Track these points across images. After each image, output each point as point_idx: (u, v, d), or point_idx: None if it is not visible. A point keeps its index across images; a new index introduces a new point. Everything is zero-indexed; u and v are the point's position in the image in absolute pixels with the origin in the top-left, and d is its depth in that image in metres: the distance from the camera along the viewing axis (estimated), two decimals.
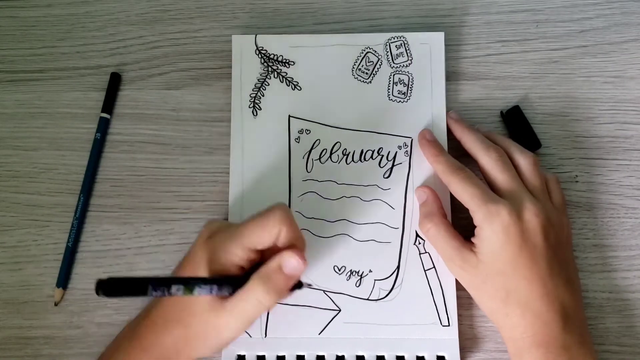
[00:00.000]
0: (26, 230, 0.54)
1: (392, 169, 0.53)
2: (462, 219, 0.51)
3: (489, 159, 0.49)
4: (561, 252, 0.47)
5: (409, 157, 0.53)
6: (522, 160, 0.50)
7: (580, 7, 0.57)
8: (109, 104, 0.56)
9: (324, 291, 0.51)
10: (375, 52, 0.55)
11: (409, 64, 0.55)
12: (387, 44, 0.55)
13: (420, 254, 0.51)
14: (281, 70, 0.55)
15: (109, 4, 0.58)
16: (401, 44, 0.55)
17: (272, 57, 0.55)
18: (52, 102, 0.56)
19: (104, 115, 0.55)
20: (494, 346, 0.51)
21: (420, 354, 0.50)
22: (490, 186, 0.49)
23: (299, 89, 0.55)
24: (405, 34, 0.55)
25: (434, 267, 0.51)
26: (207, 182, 0.55)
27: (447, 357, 0.49)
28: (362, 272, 0.51)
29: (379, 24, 0.57)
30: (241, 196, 0.53)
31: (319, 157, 0.53)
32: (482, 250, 0.47)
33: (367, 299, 0.51)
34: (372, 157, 0.53)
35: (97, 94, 0.56)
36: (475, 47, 0.57)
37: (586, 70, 0.56)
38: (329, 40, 0.55)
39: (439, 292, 0.51)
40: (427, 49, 0.55)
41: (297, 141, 0.54)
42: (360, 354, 0.50)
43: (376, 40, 0.55)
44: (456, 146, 0.52)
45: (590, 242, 0.53)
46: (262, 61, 0.55)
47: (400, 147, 0.53)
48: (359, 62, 0.55)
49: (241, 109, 0.54)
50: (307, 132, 0.54)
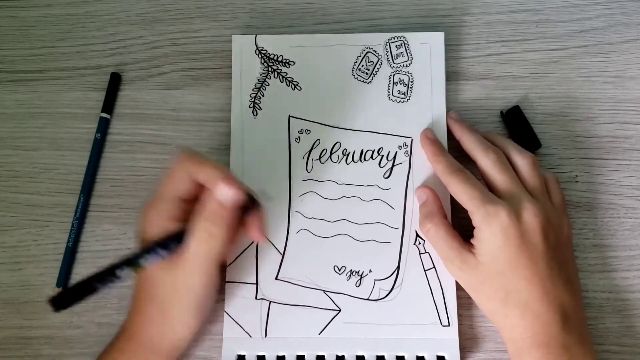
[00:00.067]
0: (26, 230, 0.54)
1: (392, 169, 0.53)
2: (462, 219, 0.51)
3: (487, 160, 0.49)
4: (561, 252, 0.47)
5: (409, 157, 0.53)
6: (521, 160, 0.50)
7: (580, 7, 0.57)
8: (109, 104, 0.56)
9: (324, 291, 0.51)
10: (375, 52, 0.55)
11: (409, 64, 0.55)
12: (387, 44, 0.55)
13: (420, 254, 0.52)
14: (281, 70, 0.55)
15: (109, 4, 0.58)
16: (401, 44, 0.55)
17: (272, 57, 0.55)
18: (52, 102, 0.56)
19: (104, 115, 0.55)
20: (494, 346, 0.51)
21: (420, 354, 0.50)
22: (489, 187, 0.49)
23: (299, 89, 0.55)
24: (405, 34, 0.55)
25: (434, 267, 0.51)
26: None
27: (447, 357, 0.49)
28: (362, 272, 0.51)
29: (379, 24, 0.57)
30: None
31: (319, 157, 0.53)
32: (481, 251, 0.47)
33: (367, 299, 0.51)
34: (372, 157, 0.53)
35: (97, 94, 0.56)
36: (475, 47, 0.57)
37: (586, 70, 0.56)
38: (329, 40, 0.55)
39: (439, 292, 0.51)
40: (427, 49, 0.55)
41: (297, 141, 0.54)
42: (360, 354, 0.50)
43: (376, 40, 0.55)
44: (456, 146, 0.52)
45: (590, 242, 0.53)
46: (262, 61, 0.55)
47: (400, 147, 0.53)
48: (359, 62, 0.55)
49: (241, 109, 0.55)
50: (307, 132, 0.54)
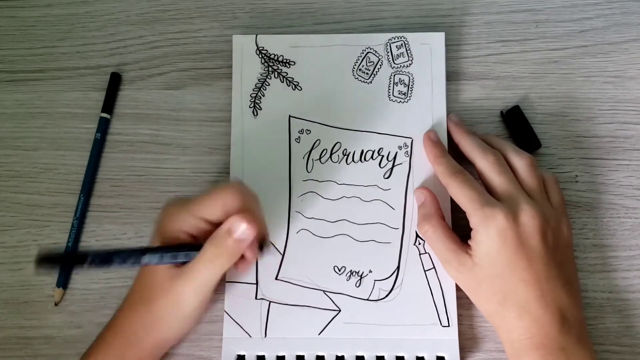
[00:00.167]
0: (26, 230, 0.54)
1: (392, 169, 0.53)
2: (461, 219, 0.51)
3: (485, 162, 0.49)
4: (559, 253, 0.47)
5: (409, 157, 0.53)
6: (518, 161, 0.49)
7: (580, 7, 0.57)
8: (109, 104, 0.56)
9: (324, 291, 0.51)
10: (375, 52, 0.55)
11: (410, 64, 0.55)
12: (388, 44, 0.55)
13: (420, 254, 0.51)
14: (282, 70, 0.55)
15: (109, 4, 0.58)
16: (402, 44, 0.55)
17: (272, 57, 0.55)
18: (52, 102, 0.56)
19: (104, 115, 0.55)
20: (494, 346, 0.51)
21: (420, 355, 0.50)
22: (487, 189, 0.49)
23: (300, 89, 0.55)
24: (405, 34, 0.55)
25: (434, 267, 0.51)
26: (207, 182, 0.54)
27: (447, 358, 0.49)
28: (362, 273, 0.51)
29: (379, 24, 0.57)
30: None
31: (319, 157, 0.53)
32: (478, 253, 0.47)
33: (367, 299, 0.51)
34: (372, 157, 0.53)
35: (97, 94, 0.56)
36: (475, 47, 0.57)
37: (586, 70, 0.56)
38: (329, 40, 0.55)
39: (438, 293, 0.51)
40: (428, 50, 0.55)
41: (298, 141, 0.54)
42: (360, 354, 0.50)
43: (377, 40, 0.55)
44: (457, 147, 0.52)
45: (590, 242, 0.53)
46: (263, 61, 0.55)
47: (400, 148, 0.53)
48: (360, 62, 0.55)
49: (241, 109, 0.54)
50: (308, 132, 0.54)
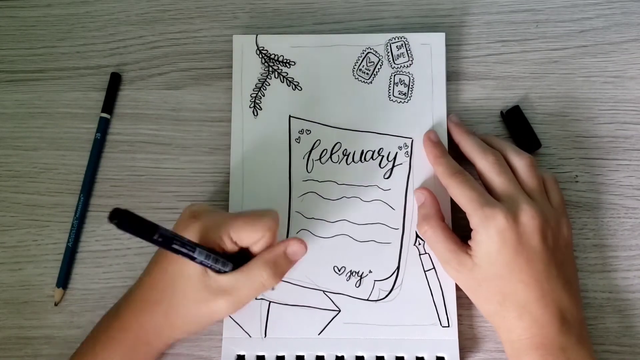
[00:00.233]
0: (26, 230, 0.54)
1: (392, 169, 0.53)
2: (461, 219, 0.51)
3: (485, 163, 0.49)
4: (559, 253, 0.47)
5: (409, 157, 0.53)
6: (518, 162, 0.49)
7: (580, 7, 0.57)
8: (109, 104, 0.56)
9: (324, 291, 0.51)
10: (376, 52, 0.55)
11: (410, 65, 0.55)
12: (388, 44, 0.55)
13: (420, 254, 0.52)
14: (282, 70, 0.55)
15: (109, 4, 0.58)
16: (402, 45, 0.55)
17: (272, 57, 0.55)
18: (52, 102, 0.56)
19: (104, 115, 0.55)
20: (494, 346, 0.51)
21: (420, 355, 0.50)
22: (487, 190, 0.49)
23: (300, 89, 0.55)
24: (406, 35, 0.55)
25: (434, 268, 0.51)
26: (207, 182, 0.55)
27: (446, 358, 0.49)
28: (362, 273, 0.51)
29: (379, 24, 0.57)
30: (241, 196, 0.53)
31: (319, 158, 0.53)
32: (478, 253, 0.47)
33: (367, 300, 0.51)
34: (372, 157, 0.53)
35: (97, 94, 0.56)
36: (475, 47, 0.57)
37: (586, 70, 0.56)
38: (329, 40, 0.55)
39: (438, 293, 0.51)
40: (428, 50, 0.55)
41: (298, 141, 0.54)
42: (360, 354, 0.50)
43: (377, 40, 0.55)
44: (457, 147, 0.52)
45: (590, 242, 0.53)
46: (263, 61, 0.55)
47: (400, 148, 0.53)
48: (360, 62, 0.55)
49: (242, 109, 0.54)
50: (308, 132, 0.54)
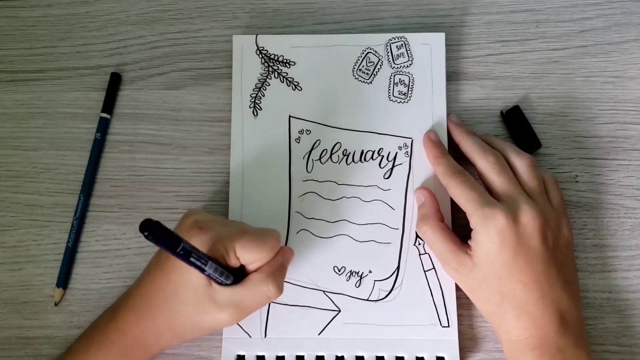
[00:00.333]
0: (26, 230, 0.54)
1: (392, 169, 0.53)
2: (461, 219, 0.51)
3: (486, 163, 0.49)
4: (559, 254, 0.47)
5: (409, 157, 0.53)
6: (519, 162, 0.49)
7: (580, 7, 0.57)
8: (109, 104, 0.56)
9: (324, 291, 0.51)
10: (376, 52, 0.55)
11: (410, 65, 0.55)
12: (388, 44, 0.55)
13: (420, 254, 0.52)
14: (282, 70, 0.55)
15: (109, 4, 0.58)
16: (402, 45, 0.55)
17: (272, 57, 0.55)
18: (52, 102, 0.56)
19: (104, 115, 0.55)
20: (494, 346, 0.51)
21: (420, 355, 0.50)
22: (487, 190, 0.49)
23: (300, 89, 0.55)
24: (406, 35, 0.55)
25: (434, 268, 0.51)
26: (207, 182, 0.55)
27: (446, 358, 0.49)
28: (362, 273, 0.51)
29: (378, 24, 0.57)
30: (241, 196, 0.53)
31: (319, 158, 0.53)
32: (478, 253, 0.47)
33: (367, 300, 0.51)
34: (372, 157, 0.53)
35: (97, 94, 0.56)
36: (475, 47, 0.57)
37: (586, 70, 0.56)
38: (329, 40, 0.55)
39: (438, 293, 0.51)
40: (428, 50, 0.55)
41: (298, 141, 0.54)
42: (359, 354, 0.50)
43: (377, 40, 0.55)
44: (457, 147, 0.52)
45: (590, 242, 0.53)
46: (263, 61, 0.55)
47: (400, 148, 0.53)
48: (360, 62, 0.55)
49: (241, 109, 0.54)
50: (308, 133, 0.54)
